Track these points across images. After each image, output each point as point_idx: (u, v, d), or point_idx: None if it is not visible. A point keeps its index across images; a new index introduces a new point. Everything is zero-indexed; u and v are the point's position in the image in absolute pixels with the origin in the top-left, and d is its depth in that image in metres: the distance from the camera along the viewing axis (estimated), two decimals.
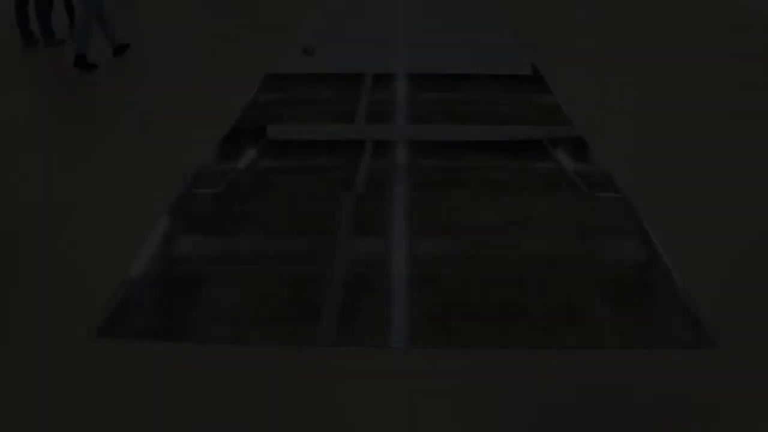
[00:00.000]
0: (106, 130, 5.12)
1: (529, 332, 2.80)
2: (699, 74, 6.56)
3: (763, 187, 4.13)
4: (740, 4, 10.16)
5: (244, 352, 2.70)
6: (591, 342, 2.75)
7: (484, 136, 4.94)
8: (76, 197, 4.06)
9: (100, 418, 2.39)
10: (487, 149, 4.70)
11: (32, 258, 3.40)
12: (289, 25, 8.84)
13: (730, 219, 3.78)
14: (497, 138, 4.92)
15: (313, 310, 2.95)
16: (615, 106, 5.61)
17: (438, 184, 4.16)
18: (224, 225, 3.69)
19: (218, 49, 7.68)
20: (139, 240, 3.56)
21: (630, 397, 2.47)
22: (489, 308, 2.95)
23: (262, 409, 2.42)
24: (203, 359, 2.67)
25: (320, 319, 2.88)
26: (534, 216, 3.76)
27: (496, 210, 3.82)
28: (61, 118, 5.39)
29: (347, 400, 2.46)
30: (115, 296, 3.06)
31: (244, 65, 6.93)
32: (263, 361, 2.65)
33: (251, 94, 5.90)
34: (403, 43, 7.80)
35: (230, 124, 5.20)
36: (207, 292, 3.07)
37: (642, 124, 5.18)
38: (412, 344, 2.73)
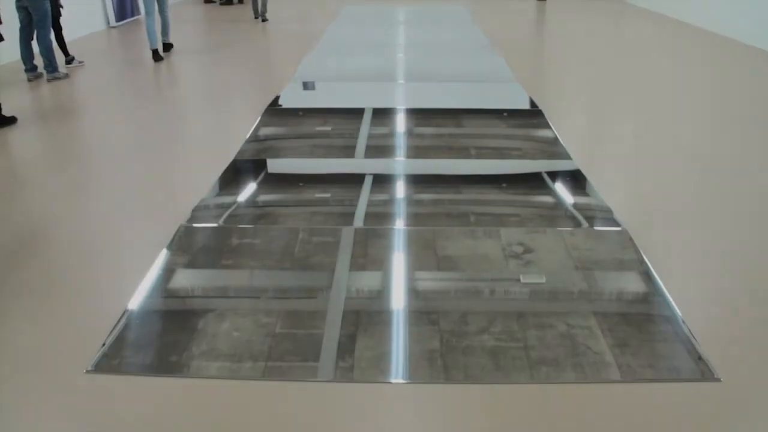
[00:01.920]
0: (106, 163, 5.14)
1: (529, 367, 2.78)
2: (696, 105, 6.60)
3: (760, 211, 4.14)
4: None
5: (243, 387, 2.68)
6: (592, 376, 2.73)
7: (482, 170, 4.96)
8: (76, 229, 4.06)
9: None
10: (486, 183, 4.72)
11: (29, 291, 3.39)
12: (290, 61, 8.92)
13: (730, 250, 3.77)
14: (496, 171, 4.94)
15: (312, 344, 2.93)
16: (612, 140, 5.64)
17: (437, 217, 4.16)
18: (223, 258, 3.68)
19: (219, 83, 7.74)
20: (137, 273, 3.55)
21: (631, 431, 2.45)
22: (489, 342, 2.93)
23: None
24: (201, 394, 2.65)
25: (319, 354, 2.86)
26: (533, 249, 3.75)
27: (495, 243, 3.82)
28: (63, 147, 5.41)
29: None
30: (112, 329, 3.05)
31: (245, 100, 6.99)
32: (261, 397, 2.63)
33: (252, 127, 5.94)
34: (403, 78, 7.87)
35: (231, 157, 5.22)
36: (205, 325, 3.06)
37: (638, 157, 5.20)
38: (411, 379, 2.71)
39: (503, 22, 12.54)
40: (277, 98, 6.95)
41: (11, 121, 6.32)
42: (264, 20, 12.88)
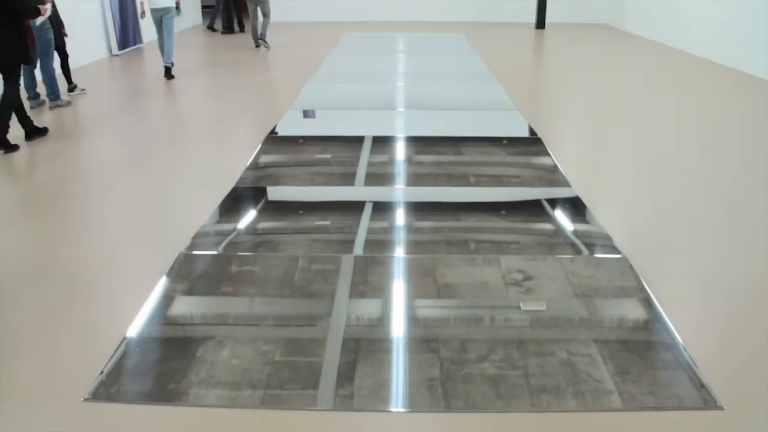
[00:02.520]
0: (105, 188, 5.15)
1: (530, 395, 2.76)
2: (694, 137, 6.63)
3: (760, 239, 4.14)
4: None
5: (242, 416, 2.66)
6: (593, 404, 2.71)
7: (482, 197, 4.97)
8: (75, 255, 4.06)
9: None
10: (486, 210, 4.73)
11: (27, 317, 3.38)
12: (290, 88, 8.98)
13: (731, 277, 3.77)
14: (495, 199, 4.95)
15: (312, 372, 2.91)
16: (612, 167, 5.66)
17: (437, 245, 4.16)
18: (223, 286, 3.67)
19: (220, 110, 7.78)
20: (136, 300, 3.54)
21: None
22: (489, 370, 2.92)
23: None
24: (200, 422, 2.63)
25: (318, 382, 2.84)
26: (533, 276, 3.75)
27: (495, 271, 3.82)
28: (64, 172, 5.43)
29: None
30: (111, 357, 3.03)
31: (246, 127, 7.02)
32: (261, 425, 2.61)
33: (252, 155, 5.96)
34: (402, 106, 7.91)
35: (231, 185, 5.23)
36: (204, 353, 3.04)
37: (638, 185, 5.21)
38: (411, 408, 2.69)
39: (502, 49, 12.65)
40: (277, 126, 6.98)
41: (43, 132, 6.79)
42: (262, 44, 12.92)
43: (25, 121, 6.63)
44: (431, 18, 18.22)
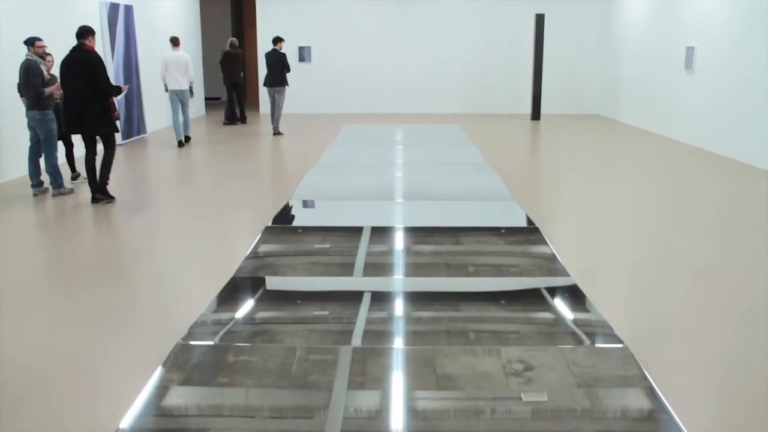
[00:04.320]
0: (104, 277, 5.16)
1: None
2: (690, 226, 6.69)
3: (761, 326, 4.11)
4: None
5: None
6: None
7: (481, 287, 4.97)
8: (70, 344, 4.02)
9: None
10: (485, 300, 4.71)
11: (21, 405, 3.33)
12: (290, 179, 9.11)
13: (734, 365, 3.73)
14: (494, 288, 4.95)
15: None
16: (610, 256, 5.68)
17: (436, 335, 4.13)
18: (219, 376, 3.63)
19: (220, 200, 7.87)
20: (131, 391, 3.49)
21: None
22: None
23: None
24: None
25: None
26: (534, 367, 3.71)
27: (495, 361, 3.78)
28: (64, 259, 5.43)
29: None
30: None
31: (245, 216, 7.08)
32: None
33: (251, 244, 5.99)
34: (401, 197, 8.01)
35: (230, 274, 5.24)
36: None
37: (637, 273, 5.22)
38: None
39: (498, 140, 12.90)
40: (277, 216, 7.04)
41: (109, 197, 8.00)
42: (278, 134, 14.56)
43: (94, 187, 7.92)
44: (428, 110, 18.67)
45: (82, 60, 7.69)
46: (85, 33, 7.91)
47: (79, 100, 7.67)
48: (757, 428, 3.13)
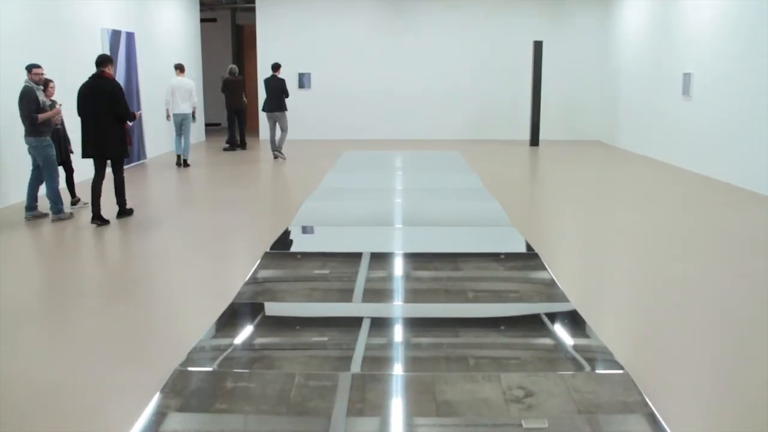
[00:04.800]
0: (102, 303, 5.14)
1: None
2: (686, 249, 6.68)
3: (760, 351, 4.10)
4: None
5: None
6: None
7: (480, 313, 4.96)
8: (67, 371, 4.00)
9: None
10: (485, 326, 4.70)
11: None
12: (289, 205, 9.12)
13: (735, 390, 3.71)
14: (494, 314, 4.93)
15: None
16: (610, 282, 5.68)
17: (436, 361, 4.11)
18: (217, 403, 3.60)
19: (219, 226, 7.88)
20: (129, 417, 3.47)
21: None
22: None
23: None
24: None
25: None
26: (534, 393, 3.69)
27: (495, 387, 3.76)
28: (62, 283, 5.42)
29: None
30: None
31: (245, 242, 7.08)
32: None
33: (251, 270, 5.98)
34: (400, 223, 8.01)
35: (229, 300, 5.23)
36: None
37: (636, 299, 5.21)
38: None
39: (497, 166, 12.95)
40: (276, 241, 7.04)
41: (130, 212, 8.57)
42: (279, 155, 14.54)
43: (97, 209, 8.05)
44: (428, 136, 18.76)
45: (103, 87, 8.06)
46: (104, 61, 8.26)
47: (98, 124, 8.03)
48: None
